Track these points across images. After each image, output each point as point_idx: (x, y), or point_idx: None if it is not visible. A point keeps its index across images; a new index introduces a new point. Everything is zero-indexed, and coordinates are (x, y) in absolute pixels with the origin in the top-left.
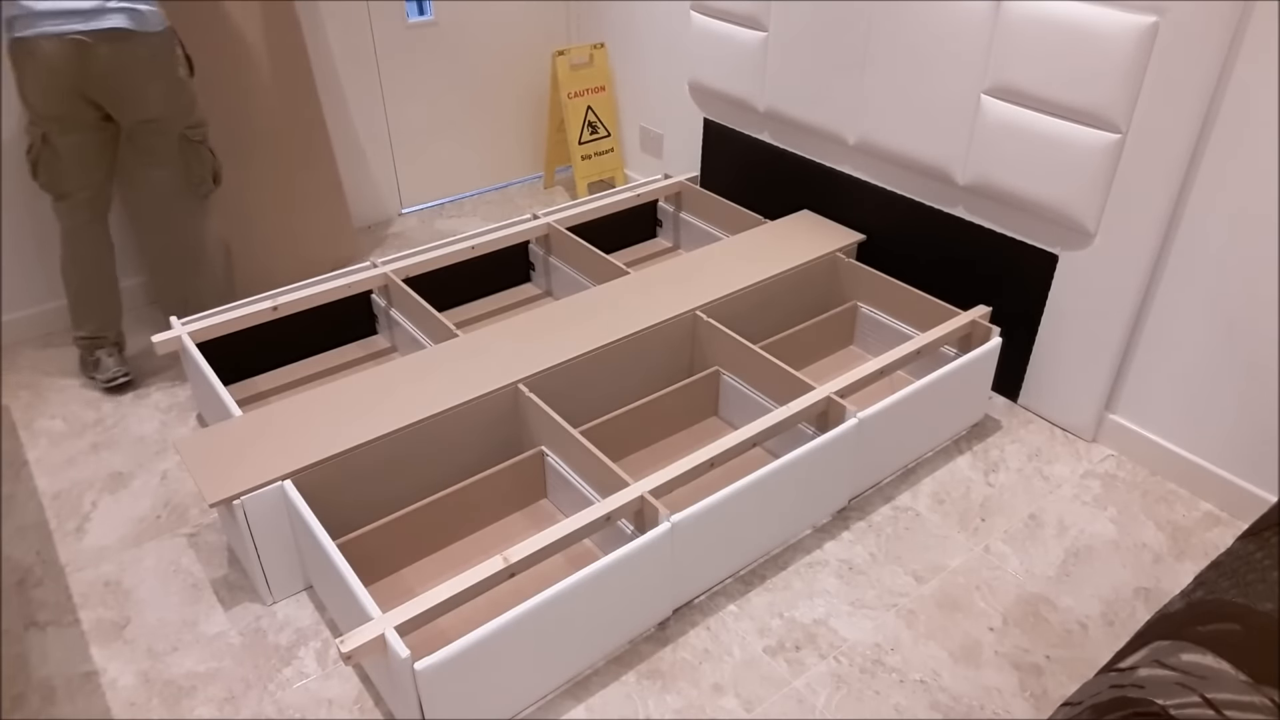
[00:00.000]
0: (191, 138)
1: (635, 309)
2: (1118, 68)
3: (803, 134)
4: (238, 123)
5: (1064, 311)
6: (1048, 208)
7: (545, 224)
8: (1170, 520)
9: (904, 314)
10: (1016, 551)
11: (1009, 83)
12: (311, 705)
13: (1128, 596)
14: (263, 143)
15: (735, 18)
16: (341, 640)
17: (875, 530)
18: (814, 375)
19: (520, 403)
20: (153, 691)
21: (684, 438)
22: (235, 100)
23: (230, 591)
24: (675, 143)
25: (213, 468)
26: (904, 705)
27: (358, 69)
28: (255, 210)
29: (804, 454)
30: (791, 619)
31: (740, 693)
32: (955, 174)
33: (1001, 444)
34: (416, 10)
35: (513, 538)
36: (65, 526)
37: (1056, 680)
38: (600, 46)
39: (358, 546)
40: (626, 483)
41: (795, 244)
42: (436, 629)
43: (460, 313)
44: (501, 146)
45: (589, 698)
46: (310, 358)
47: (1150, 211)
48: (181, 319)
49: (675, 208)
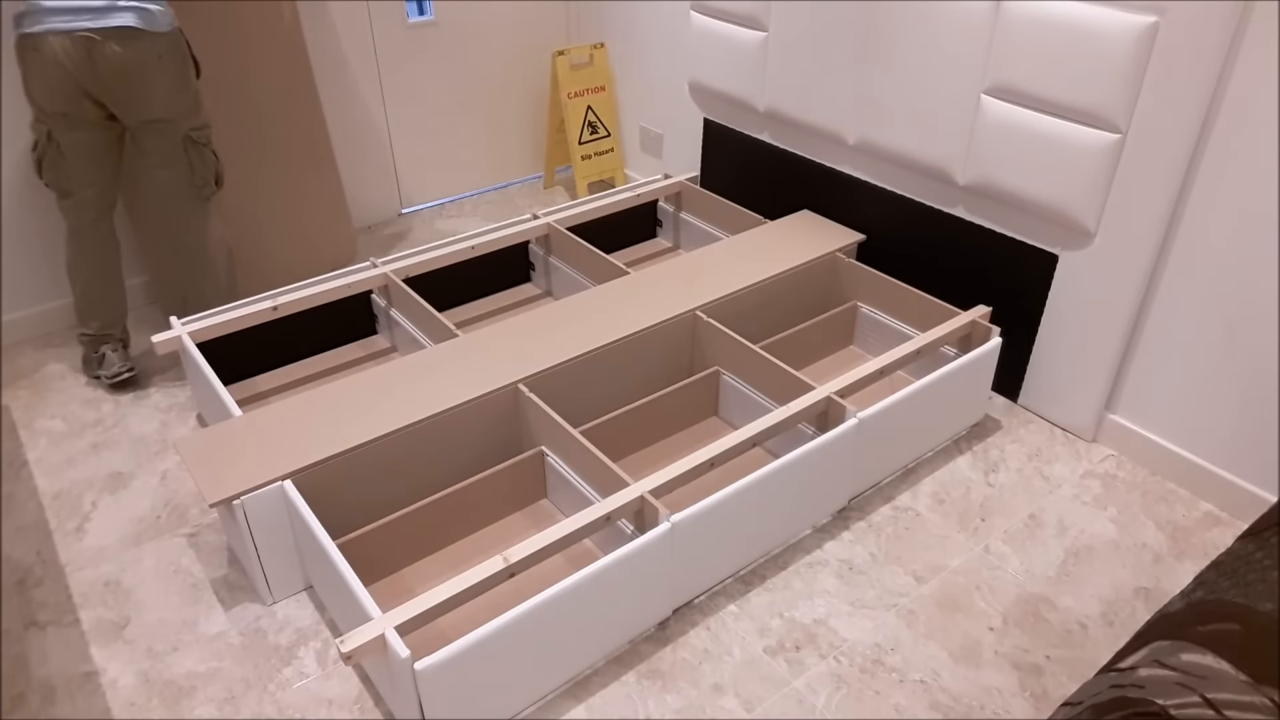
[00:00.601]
0: (196, 139)
1: (635, 309)
2: (1118, 68)
3: (803, 134)
4: (238, 123)
5: (1064, 311)
6: (1048, 208)
7: (545, 224)
8: (1170, 520)
9: (904, 314)
10: (1016, 551)
11: (1009, 83)
12: (311, 705)
13: (1128, 596)
14: (263, 143)
15: (735, 18)
16: (341, 640)
17: (875, 530)
18: (814, 375)
19: (520, 403)
20: (153, 691)
21: (684, 438)
22: (235, 100)
23: (230, 591)
24: (675, 143)
25: (213, 468)
26: (904, 705)
27: (358, 69)
28: (255, 210)
29: (804, 454)
30: (791, 619)
31: (740, 693)
32: (955, 174)
33: (1001, 444)
34: (416, 10)
35: (513, 538)
36: (65, 526)
37: (1056, 680)
38: (600, 46)
39: (358, 546)
40: (626, 483)
41: (795, 244)
42: (436, 629)
43: (460, 313)
44: (501, 146)
45: (589, 698)
46: (310, 358)
47: (1150, 211)
48: (182, 319)
49: (675, 208)
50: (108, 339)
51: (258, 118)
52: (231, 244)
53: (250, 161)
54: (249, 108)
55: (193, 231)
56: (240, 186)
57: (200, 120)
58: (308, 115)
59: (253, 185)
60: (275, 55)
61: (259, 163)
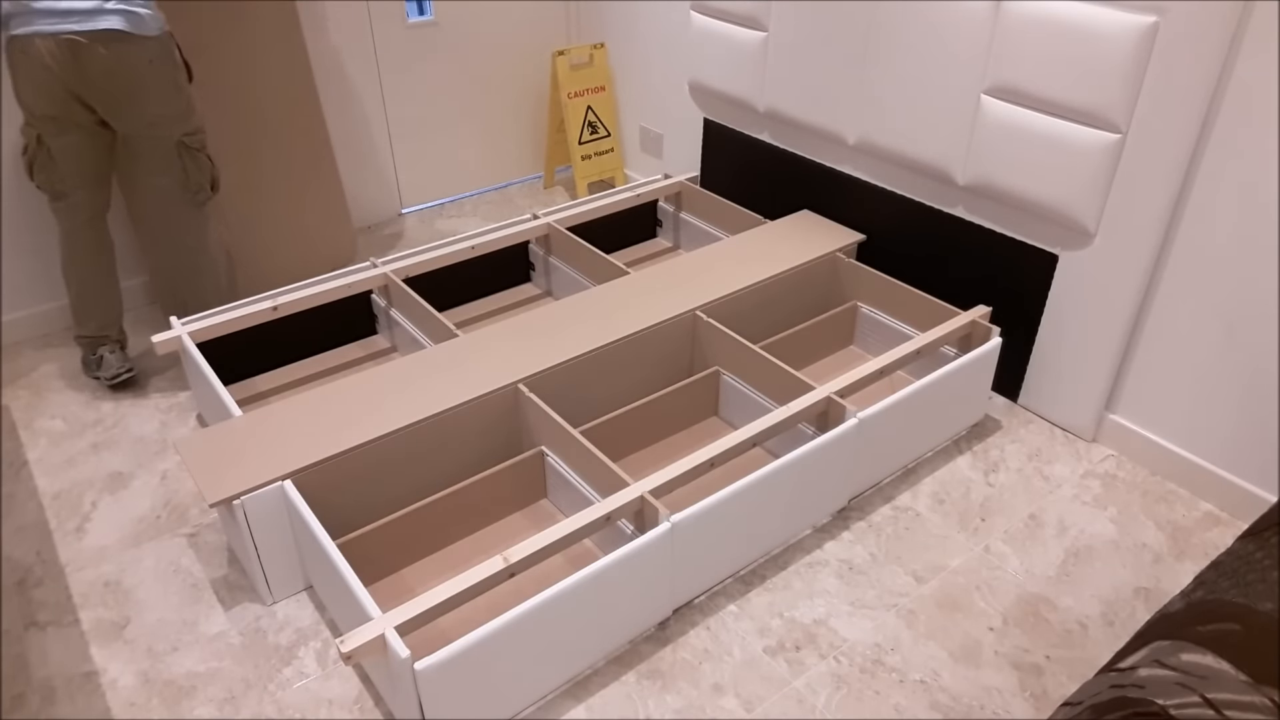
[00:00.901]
0: (189, 144)
1: (635, 309)
2: (1118, 68)
3: (803, 134)
4: (238, 123)
5: (1064, 311)
6: (1048, 208)
7: (545, 224)
8: (1170, 520)
9: (904, 314)
10: (1016, 551)
11: (1009, 83)
12: (311, 705)
13: (1128, 596)
14: (263, 142)
15: (735, 18)
16: (341, 640)
17: (875, 530)
18: (814, 375)
19: (520, 403)
20: (153, 691)
21: (684, 438)
22: (235, 100)
23: (230, 591)
24: (675, 143)
25: (213, 468)
26: (904, 705)
27: (358, 69)
28: (255, 210)
29: (804, 454)
30: (791, 619)
31: (740, 693)
32: (955, 174)
33: (1001, 444)
34: (416, 10)
35: (513, 538)
36: (65, 526)
37: (1056, 680)
38: (600, 46)
39: (358, 546)
40: (626, 483)
41: (795, 244)
42: (436, 629)
43: (460, 313)
44: (501, 146)
45: (589, 698)
46: (310, 358)
47: (1150, 211)
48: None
49: (675, 208)
50: (104, 340)
51: (258, 118)
52: (232, 244)
53: (250, 161)
54: (249, 108)
55: (191, 236)
56: (240, 186)
57: (193, 125)
58: (308, 115)
59: (253, 185)
60: (275, 55)
61: (259, 163)
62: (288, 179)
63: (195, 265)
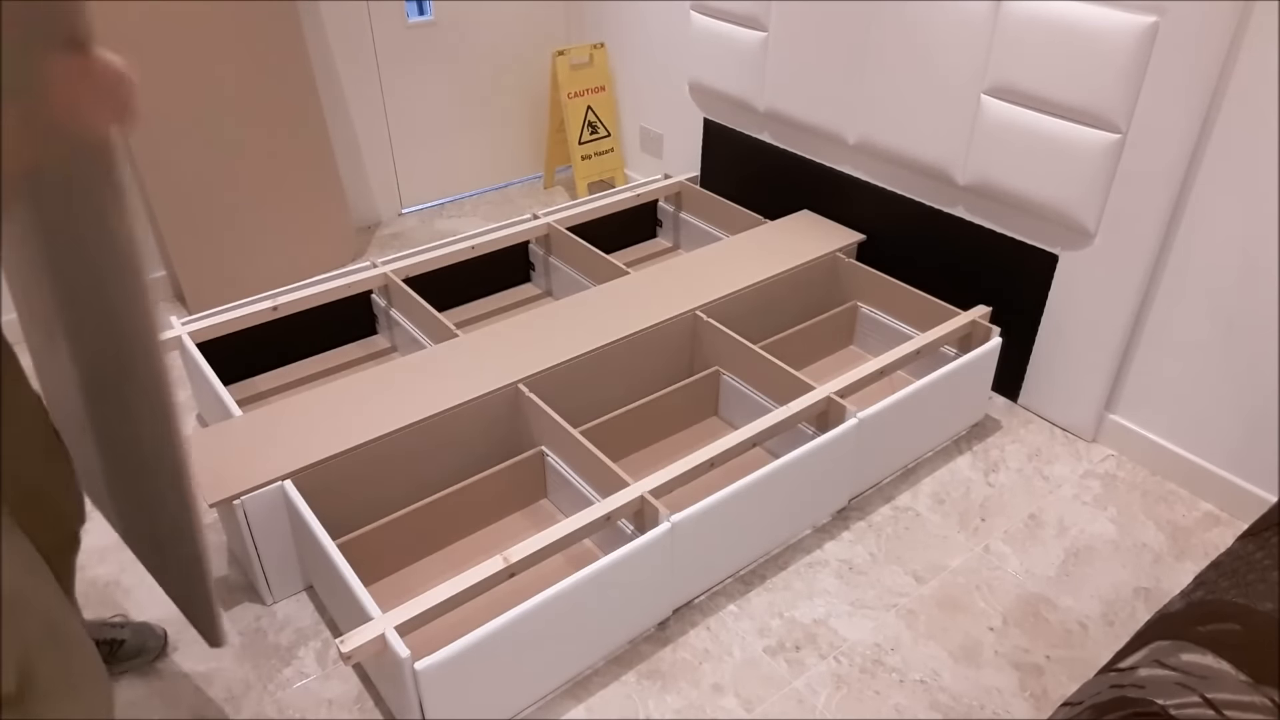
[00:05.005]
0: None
1: (635, 309)
2: (1118, 68)
3: (803, 134)
4: (238, 122)
5: (1064, 311)
6: (1048, 208)
7: (545, 224)
8: (1170, 520)
9: (904, 314)
10: (1016, 551)
11: (1009, 83)
12: (311, 705)
13: (1128, 596)
14: (263, 143)
15: (735, 18)
16: (341, 640)
17: (875, 530)
18: (814, 375)
19: (520, 403)
20: (153, 691)
21: (684, 438)
22: (235, 100)
23: (230, 591)
24: (675, 143)
25: (212, 468)
26: (904, 705)
27: (358, 69)
28: (255, 210)
29: (804, 454)
30: (791, 619)
31: (740, 693)
32: (955, 174)
33: (1001, 444)
34: (416, 10)
35: (513, 538)
36: None
37: (1056, 680)
38: (600, 46)
39: (358, 546)
40: (626, 483)
41: (795, 244)
42: (436, 629)
43: (460, 313)
44: (501, 146)
45: (589, 698)
46: (310, 358)
47: (1150, 211)
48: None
49: (675, 208)
50: None
51: (258, 118)
52: (232, 244)
53: (250, 161)
54: (249, 108)
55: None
56: (240, 187)
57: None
58: (308, 115)
59: (253, 185)
60: (275, 55)
61: (259, 163)
62: (288, 179)
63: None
